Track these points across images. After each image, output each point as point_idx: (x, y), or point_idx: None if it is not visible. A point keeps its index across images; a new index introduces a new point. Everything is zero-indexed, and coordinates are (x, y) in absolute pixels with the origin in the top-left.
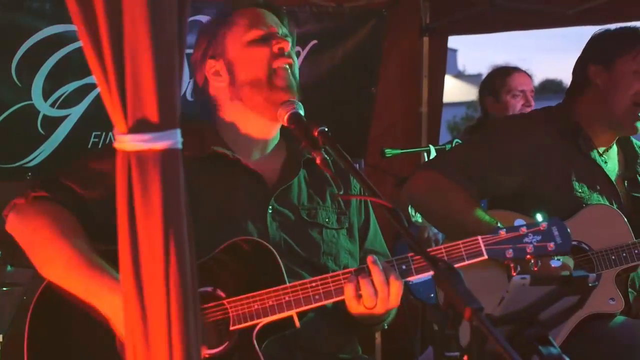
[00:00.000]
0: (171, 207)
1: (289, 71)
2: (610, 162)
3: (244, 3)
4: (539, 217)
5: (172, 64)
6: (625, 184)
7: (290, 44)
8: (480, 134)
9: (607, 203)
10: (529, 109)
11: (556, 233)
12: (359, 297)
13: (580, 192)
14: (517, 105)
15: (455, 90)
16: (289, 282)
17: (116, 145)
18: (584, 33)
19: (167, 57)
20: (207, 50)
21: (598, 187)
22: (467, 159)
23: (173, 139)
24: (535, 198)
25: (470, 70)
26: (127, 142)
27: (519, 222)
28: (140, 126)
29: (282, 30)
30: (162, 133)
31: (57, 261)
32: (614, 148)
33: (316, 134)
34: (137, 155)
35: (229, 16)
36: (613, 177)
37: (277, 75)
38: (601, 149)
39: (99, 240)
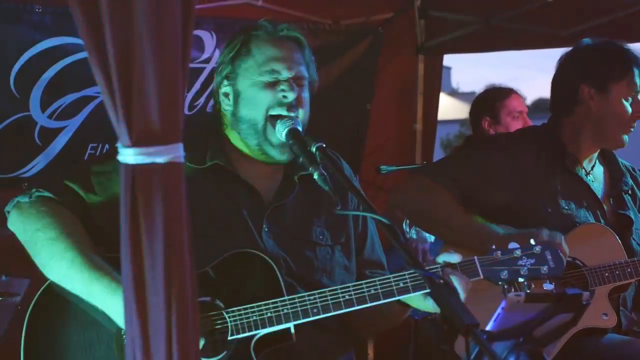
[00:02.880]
0: (172, 220)
1: (292, 122)
2: (597, 181)
3: (267, 30)
4: (532, 240)
5: (175, 79)
6: (611, 201)
7: (304, 79)
8: (469, 147)
9: (594, 219)
10: None
11: (549, 257)
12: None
13: (567, 210)
14: (517, 126)
15: (448, 108)
16: (287, 296)
17: (120, 158)
18: None
19: (171, 72)
20: (224, 67)
21: (584, 204)
22: (455, 167)
23: (176, 153)
24: (522, 214)
25: (464, 88)
26: (130, 156)
27: (513, 245)
28: (143, 140)
29: (296, 69)
30: (165, 147)
31: (61, 261)
32: (600, 168)
33: (314, 149)
34: (140, 168)
35: (249, 40)
36: (600, 195)
37: (272, 127)
38: (587, 167)
39: (98, 245)
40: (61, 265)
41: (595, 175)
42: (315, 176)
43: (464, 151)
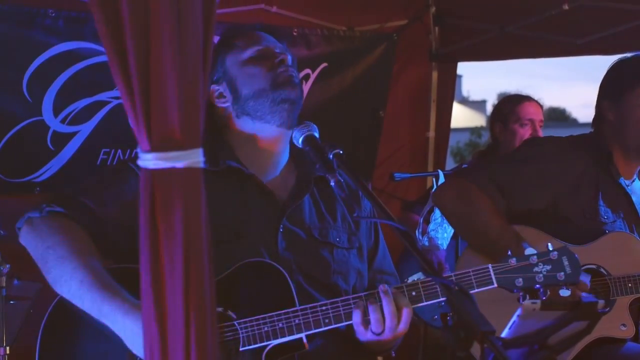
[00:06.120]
0: (192, 226)
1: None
2: (635, 196)
3: (242, 28)
4: (550, 246)
5: (196, 84)
6: None
7: (290, 58)
8: (515, 150)
9: (629, 231)
10: None
11: (566, 263)
12: (366, 322)
13: (605, 218)
14: (524, 134)
15: (459, 116)
16: (299, 301)
17: (140, 163)
18: (589, 62)
19: (192, 77)
20: (210, 77)
21: (622, 215)
22: (499, 171)
23: (195, 158)
24: (560, 218)
25: (475, 96)
26: (150, 161)
27: (529, 251)
28: (163, 145)
29: (280, 47)
30: (185, 152)
31: (71, 280)
32: (638, 183)
33: (331, 156)
34: (160, 173)
35: (226, 39)
36: (638, 209)
37: (279, 77)
38: (627, 181)
39: (110, 258)
40: (71, 285)
41: (634, 190)
42: (332, 183)
43: (511, 155)
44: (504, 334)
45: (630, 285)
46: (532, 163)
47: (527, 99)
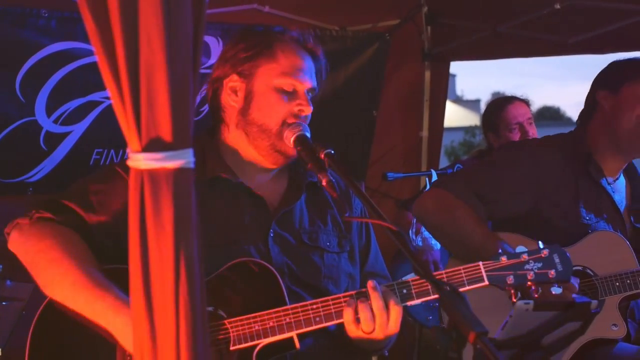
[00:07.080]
0: (182, 225)
1: (300, 128)
2: (618, 194)
3: (292, 38)
4: (541, 244)
5: (186, 84)
6: (632, 217)
7: (314, 91)
8: (491, 156)
9: (613, 231)
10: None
11: (557, 260)
12: (357, 321)
13: (587, 219)
14: (515, 139)
15: (453, 115)
16: (290, 304)
17: (130, 163)
18: (582, 61)
19: (182, 77)
20: (238, 62)
21: (605, 216)
22: (477, 179)
23: (185, 158)
24: (542, 222)
25: (469, 95)
26: (140, 161)
27: (520, 248)
28: (153, 145)
29: (313, 83)
30: (175, 152)
31: (63, 282)
32: (622, 180)
33: (322, 156)
34: (150, 174)
35: (274, 43)
36: (621, 208)
37: (288, 129)
38: (610, 179)
39: (100, 262)
40: (63, 287)
41: (618, 188)
42: (324, 182)
43: (488, 161)
44: (496, 335)
45: (617, 284)
46: (509, 168)
47: (510, 101)
